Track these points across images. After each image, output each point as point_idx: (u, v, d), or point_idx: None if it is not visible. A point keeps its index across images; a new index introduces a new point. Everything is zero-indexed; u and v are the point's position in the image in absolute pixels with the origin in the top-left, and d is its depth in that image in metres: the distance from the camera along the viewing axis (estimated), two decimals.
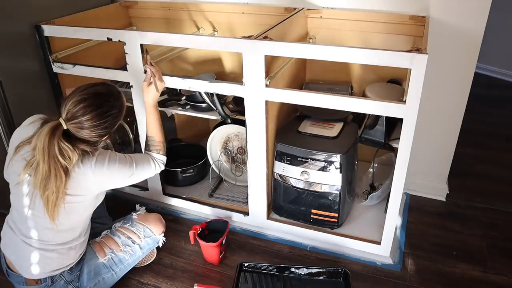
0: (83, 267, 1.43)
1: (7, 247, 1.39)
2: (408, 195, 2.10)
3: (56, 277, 1.37)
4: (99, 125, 1.27)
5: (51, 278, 1.37)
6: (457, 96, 1.83)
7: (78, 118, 1.24)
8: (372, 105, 1.38)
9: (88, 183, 1.29)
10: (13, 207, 1.36)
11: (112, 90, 1.33)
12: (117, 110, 1.32)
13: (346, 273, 1.56)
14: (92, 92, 1.27)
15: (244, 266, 1.63)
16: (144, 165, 1.45)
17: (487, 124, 2.86)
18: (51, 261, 1.35)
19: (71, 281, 1.40)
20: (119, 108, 1.33)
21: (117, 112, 1.32)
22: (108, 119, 1.28)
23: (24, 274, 1.36)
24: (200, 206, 1.91)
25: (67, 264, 1.38)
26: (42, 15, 1.83)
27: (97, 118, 1.25)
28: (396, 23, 1.76)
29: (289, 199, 1.71)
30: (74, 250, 1.39)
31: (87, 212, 1.39)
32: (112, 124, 1.32)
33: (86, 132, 1.26)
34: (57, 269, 1.37)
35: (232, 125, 1.89)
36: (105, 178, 1.32)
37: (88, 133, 1.26)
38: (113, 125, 1.33)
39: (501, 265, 1.67)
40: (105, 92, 1.30)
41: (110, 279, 1.50)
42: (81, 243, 1.41)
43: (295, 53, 1.44)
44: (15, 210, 1.35)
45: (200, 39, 1.56)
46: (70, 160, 1.22)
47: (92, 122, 1.25)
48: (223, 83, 1.57)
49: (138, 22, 2.26)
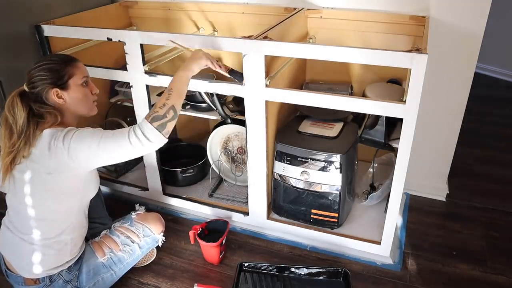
0: (82, 267, 1.43)
1: (5, 247, 1.40)
2: (408, 195, 2.10)
3: (55, 276, 1.37)
4: (39, 69, 1.30)
5: (50, 277, 1.37)
6: (457, 96, 1.83)
7: (29, 71, 1.32)
8: (372, 105, 1.38)
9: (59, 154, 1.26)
10: (8, 206, 1.38)
11: (62, 54, 1.41)
12: (57, 61, 1.33)
13: (346, 273, 1.56)
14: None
15: (244, 266, 1.63)
16: (116, 134, 1.26)
17: (487, 124, 2.86)
18: (48, 257, 1.35)
19: (70, 281, 1.40)
20: (60, 61, 1.34)
21: (56, 62, 1.33)
22: (47, 65, 1.31)
23: (22, 273, 1.36)
24: (200, 206, 1.91)
25: (65, 261, 1.38)
26: (42, 15, 1.83)
27: (39, 64, 1.32)
28: (396, 23, 1.76)
29: (289, 199, 1.71)
30: (70, 245, 1.38)
31: (67, 202, 1.34)
32: (51, 71, 1.31)
33: (32, 80, 1.30)
34: (56, 267, 1.37)
35: (232, 125, 1.89)
36: (73, 144, 1.25)
37: (33, 80, 1.30)
38: (53, 71, 1.32)
39: (501, 265, 1.67)
40: (56, 54, 1.43)
41: (110, 279, 1.50)
42: (75, 237, 1.40)
43: (295, 53, 1.44)
44: (9, 209, 1.38)
45: (200, 39, 1.56)
46: (16, 115, 1.26)
47: (36, 68, 1.31)
48: (223, 83, 1.57)
49: (138, 22, 2.26)
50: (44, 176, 1.28)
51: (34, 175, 1.29)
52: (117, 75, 1.74)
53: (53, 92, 1.31)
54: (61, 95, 1.33)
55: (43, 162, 1.27)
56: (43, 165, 1.27)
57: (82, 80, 1.37)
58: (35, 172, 1.28)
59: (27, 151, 1.28)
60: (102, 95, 2.17)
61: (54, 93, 1.31)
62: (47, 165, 1.27)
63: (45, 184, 1.29)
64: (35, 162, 1.28)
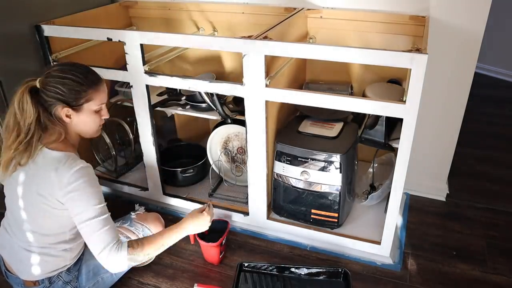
0: (82, 267, 1.43)
1: (4, 248, 1.39)
2: (408, 195, 2.10)
3: (54, 278, 1.37)
4: (59, 82, 1.24)
5: (49, 279, 1.37)
6: (457, 96, 1.83)
7: (49, 72, 1.26)
8: (372, 105, 1.38)
9: (56, 187, 1.23)
10: (7, 208, 1.37)
11: (90, 70, 1.33)
12: (81, 80, 1.27)
13: (346, 273, 1.56)
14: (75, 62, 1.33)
15: (244, 266, 1.63)
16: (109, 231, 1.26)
17: (487, 124, 2.86)
18: (47, 263, 1.34)
19: (69, 282, 1.40)
20: (84, 82, 1.27)
21: (80, 81, 1.26)
22: (69, 81, 1.25)
23: (21, 276, 1.36)
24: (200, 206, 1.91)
25: (64, 265, 1.38)
26: (42, 15, 1.83)
27: (61, 74, 1.25)
28: (396, 23, 1.76)
29: (289, 199, 1.71)
30: (70, 252, 1.38)
31: (66, 222, 1.31)
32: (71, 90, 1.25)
33: (48, 88, 1.24)
34: (54, 270, 1.37)
35: (232, 125, 1.89)
36: (71, 190, 1.23)
37: (49, 88, 1.24)
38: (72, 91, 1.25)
39: (501, 265, 1.67)
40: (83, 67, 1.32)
41: (109, 279, 1.50)
42: (76, 244, 1.40)
43: (295, 53, 1.44)
44: (7, 211, 1.37)
45: (200, 39, 1.56)
46: (25, 113, 1.22)
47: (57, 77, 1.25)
48: (223, 83, 1.57)
49: (138, 22, 2.26)
50: (35, 195, 1.25)
51: (26, 189, 1.27)
52: (117, 75, 1.75)
53: (63, 110, 1.27)
54: (70, 115, 1.29)
55: (39, 180, 1.25)
56: (38, 184, 1.25)
57: (97, 107, 1.33)
58: (28, 188, 1.26)
59: (25, 160, 1.24)
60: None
61: (64, 112, 1.27)
62: (41, 186, 1.24)
63: (35, 203, 1.27)
64: (30, 177, 1.25)
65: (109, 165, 2.16)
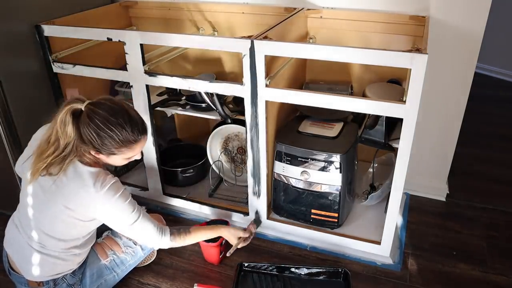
0: (86, 270, 1.43)
1: (11, 245, 1.38)
2: (408, 195, 2.10)
3: (59, 280, 1.37)
4: (96, 132, 1.21)
5: (54, 281, 1.36)
6: (457, 96, 1.83)
7: (97, 108, 1.22)
8: (372, 105, 1.38)
9: (90, 204, 1.26)
10: (20, 204, 1.36)
11: (138, 120, 1.28)
12: (118, 138, 1.23)
13: (346, 273, 1.56)
14: (124, 108, 1.27)
15: (244, 266, 1.63)
16: (148, 225, 1.36)
17: (487, 124, 2.86)
18: (55, 266, 1.34)
19: (73, 284, 1.40)
20: (122, 141, 1.24)
21: (117, 140, 1.23)
22: (106, 135, 1.21)
23: (26, 276, 1.35)
24: (200, 206, 1.91)
25: (70, 269, 1.38)
26: (42, 15, 1.83)
27: (102, 124, 1.21)
28: (396, 23, 1.76)
29: (289, 199, 1.71)
30: (79, 257, 1.39)
31: (87, 229, 1.37)
32: (104, 144, 1.23)
33: (86, 127, 1.20)
34: (60, 272, 1.37)
35: (232, 125, 1.89)
36: (108, 207, 1.27)
37: (87, 130, 1.21)
38: (105, 145, 1.23)
39: (501, 265, 1.67)
40: (134, 116, 1.27)
41: (112, 280, 1.50)
42: (86, 250, 1.41)
43: (295, 53, 1.44)
44: (22, 208, 1.35)
45: (200, 39, 1.56)
46: (65, 133, 1.20)
47: (98, 123, 1.20)
48: (223, 83, 1.57)
49: (138, 22, 2.26)
50: (60, 206, 1.26)
51: (51, 198, 1.27)
52: (117, 75, 1.75)
53: (92, 151, 1.26)
54: (99, 156, 1.28)
55: (68, 194, 1.25)
56: (65, 196, 1.25)
57: (127, 160, 1.33)
58: (53, 197, 1.26)
59: (56, 171, 1.24)
60: (102, 95, 2.17)
61: (93, 153, 1.26)
62: (70, 200, 1.25)
63: (58, 212, 1.27)
64: (58, 188, 1.25)
65: (109, 165, 2.15)
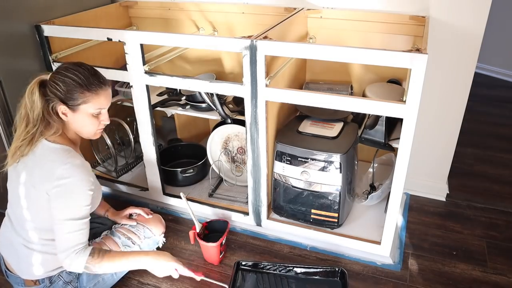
0: None
1: (5, 247, 1.39)
2: (408, 195, 2.10)
3: (54, 277, 1.37)
4: (61, 80, 1.24)
5: (49, 278, 1.37)
6: (457, 96, 1.83)
7: (57, 69, 1.28)
8: (372, 105, 1.38)
9: (50, 178, 1.24)
10: (9, 204, 1.38)
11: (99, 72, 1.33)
12: (81, 81, 1.25)
13: (343, 272, 1.56)
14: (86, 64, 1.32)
15: (242, 264, 1.63)
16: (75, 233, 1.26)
17: (487, 124, 2.86)
18: (47, 261, 1.34)
19: (70, 282, 1.40)
20: (85, 83, 1.25)
21: (80, 83, 1.25)
22: (70, 80, 1.24)
23: (21, 275, 1.36)
24: (200, 206, 1.91)
25: None
26: (42, 15, 1.83)
27: (65, 72, 1.25)
28: (396, 23, 1.76)
29: (289, 199, 1.71)
30: None
31: None
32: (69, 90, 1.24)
33: (51, 84, 1.25)
34: (55, 269, 1.37)
35: (232, 125, 1.89)
36: (63, 187, 1.23)
37: (52, 84, 1.25)
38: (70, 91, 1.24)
39: (501, 265, 1.67)
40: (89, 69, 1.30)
41: (110, 279, 1.50)
42: None
43: (295, 53, 1.43)
44: (10, 208, 1.38)
45: (200, 39, 1.56)
46: (32, 102, 1.24)
47: (61, 74, 1.25)
48: (223, 83, 1.57)
49: (138, 22, 2.26)
50: (28, 186, 1.27)
51: (25, 182, 1.28)
52: (117, 75, 1.74)
53: (60, 107, 1.26)
54: (66, 113, 1.28)
55: (32, 171, 1.26)
56: (34, 175, 1.26)
57: (95, 111, 1.30)
58: (26, 179, 1.27)
59: (26, 150, 1.26)
60: None
61: (61, 109, 1.27)
62: (35, 177, 1.25)
63: (32, 195, 1.27)
64: (28, 169, 1.27)
65: (109, 165, 2.16)
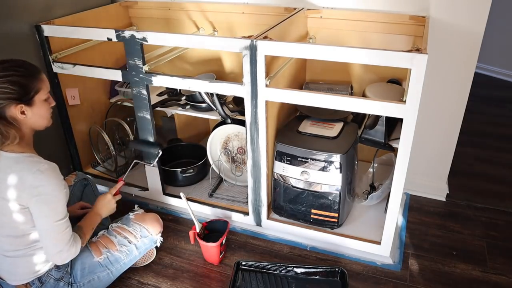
0: (75, 263, 1.42)
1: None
2: (408, 195, 2.10)
3: (44, 277, 1.37)
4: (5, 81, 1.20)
5: (39, 279, 1.37)
6: (457, 96, 1.83)
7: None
8: (372, 105, 1.38)
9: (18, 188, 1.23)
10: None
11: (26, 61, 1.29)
12: (25, 73, 1.24)
13: (343, 272, 1.56)
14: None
15: (241, 264, 1.63)
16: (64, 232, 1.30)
17: (487, 124, 2.86)
18: (28, 263, 1.34)
19: (61, 278, 1.39)
20: (28, 74, 1.24)
21: (25, 75, 1.23)
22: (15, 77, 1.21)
23: (10, 282, 1.37)
24: (200, 206, 1.91)
25: (49, 264, 1.38)
26: (42, 15, 1.83)
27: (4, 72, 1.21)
28: (396, 23, 1.76)
29: (289, 199, 1.71)
30: None
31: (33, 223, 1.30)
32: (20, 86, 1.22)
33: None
34: (40, 269, 1.36)
35: (232, 125, 1.89)
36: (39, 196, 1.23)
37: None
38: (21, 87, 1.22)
39: (501, 265, 1.67)
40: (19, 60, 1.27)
41: (106, 278, 1.49)
42: None
43: (295, 53, 1.43)
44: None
45: (200, 39, 1.56)
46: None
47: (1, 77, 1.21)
48: (223, 83, 1.57)
49: (138, 22, 2.26)
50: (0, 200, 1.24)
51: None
52: (117, 75, 1.74)
53: (17, 108, 1.22)
54: (25, 111, 1.24)
55: (0, 184, 1.23)
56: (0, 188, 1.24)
57: (46, 96, 1.29)
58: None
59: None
60: (102, 95, 2.17)
61: (18, 109, 1.23)
62: (3, 190, 1.23)
63: (4, 206, 1.25)
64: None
65: (109, 165, 2.16)
